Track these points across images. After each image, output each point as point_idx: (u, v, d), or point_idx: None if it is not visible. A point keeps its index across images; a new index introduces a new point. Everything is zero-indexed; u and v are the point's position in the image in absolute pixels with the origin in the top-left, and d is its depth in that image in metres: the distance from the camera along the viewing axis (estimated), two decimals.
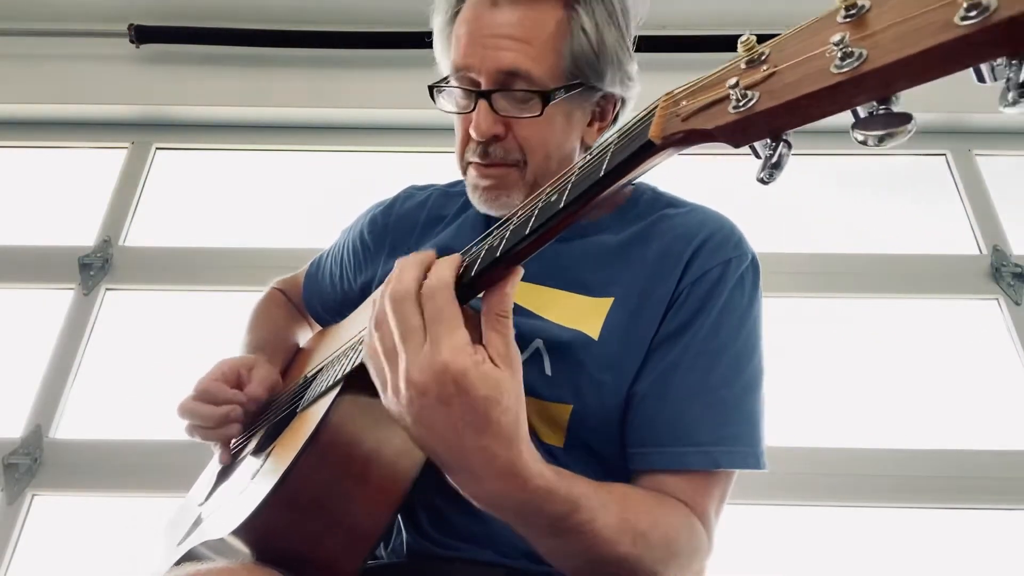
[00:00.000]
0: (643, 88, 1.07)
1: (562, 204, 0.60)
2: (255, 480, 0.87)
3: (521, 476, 0.65)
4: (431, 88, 1.04)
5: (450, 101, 1.04)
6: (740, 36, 0.47)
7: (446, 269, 0.66)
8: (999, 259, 2.23)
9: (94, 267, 2.33)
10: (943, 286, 2.25)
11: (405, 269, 0.67)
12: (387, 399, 0.67)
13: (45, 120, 2.60)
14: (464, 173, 1.07)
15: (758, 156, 0.47)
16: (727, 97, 0.46)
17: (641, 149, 0.53)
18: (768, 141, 0.46)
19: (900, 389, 2.09)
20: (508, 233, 0.66)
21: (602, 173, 0.56)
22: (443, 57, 1.07)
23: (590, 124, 1.06)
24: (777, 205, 2.37)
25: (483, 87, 0.97)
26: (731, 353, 0.94)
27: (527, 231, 0.62)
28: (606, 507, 0.73)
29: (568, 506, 0.69)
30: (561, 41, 0.96)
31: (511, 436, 0.64)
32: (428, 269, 0.67)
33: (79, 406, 2.16)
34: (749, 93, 0.45)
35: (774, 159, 0.45)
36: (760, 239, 1.09)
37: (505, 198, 1.02)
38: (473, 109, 0.99)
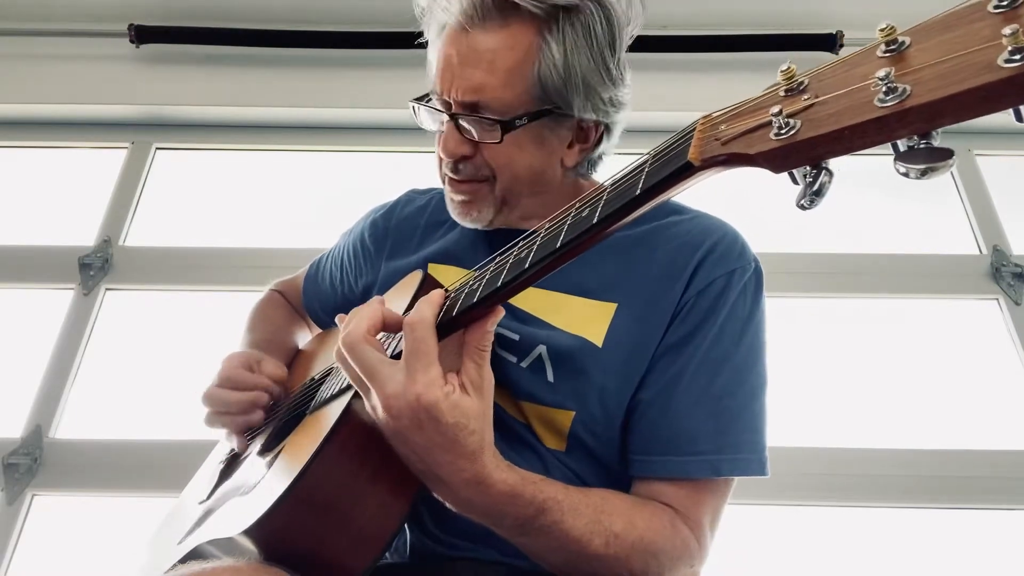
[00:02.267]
0: (646, 87, 1.07)
1: (595, 220, 0.61)
2: (266, 480, 0.87)
3: (485, 484, 0.74)
4: (413, 103, 1.06)
5: (429, 116, 1.06)
6: (741, 35, 0.49)
7: (428, 306, 0.74)
8: (999, 259, 2.24)
9: (94, 267, 2.32)
10: (943, 286, 2.26)
11: (357, 318, 0.78)
12: (372, 416, 0.76)
13: (45, 120, 2.58)
14: (443, 184, 1.09)
15: (796, 182, 0.48)
16: (769, 124, 0.47)
17: (679, 170, 0.54)
18: (808, 168, 0.46)
19: (900, 389, 2.10)
20: (536, 247, 0.68)
21: (638, 191, 0.57)
22: (431, 69, 1.08)
23: (571, 146, 1.05)
24: (777, 205, 2.37)
25: (452, 109, 0.99)
26: (734, 362, 0.96)
27: (557, 244, 0.65)
28: (576, 510, 0.80)
29: (533, 508, 0.77)
30: (528, 68, 0.96)
31: (475, 452, 0.73)
32: (380, 319, 0.78)
33: (79, 406, 2.16)
34: (791, 121, 0.46)
35: (815, 187, 0.46)
36: (761, 239, 1.10)
37: (476, 213, 1.06)
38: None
